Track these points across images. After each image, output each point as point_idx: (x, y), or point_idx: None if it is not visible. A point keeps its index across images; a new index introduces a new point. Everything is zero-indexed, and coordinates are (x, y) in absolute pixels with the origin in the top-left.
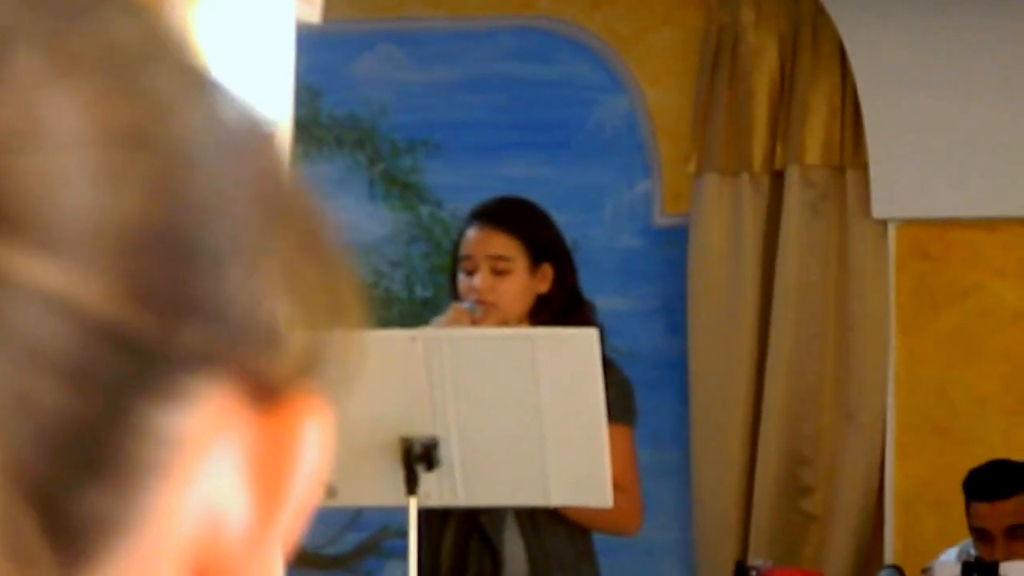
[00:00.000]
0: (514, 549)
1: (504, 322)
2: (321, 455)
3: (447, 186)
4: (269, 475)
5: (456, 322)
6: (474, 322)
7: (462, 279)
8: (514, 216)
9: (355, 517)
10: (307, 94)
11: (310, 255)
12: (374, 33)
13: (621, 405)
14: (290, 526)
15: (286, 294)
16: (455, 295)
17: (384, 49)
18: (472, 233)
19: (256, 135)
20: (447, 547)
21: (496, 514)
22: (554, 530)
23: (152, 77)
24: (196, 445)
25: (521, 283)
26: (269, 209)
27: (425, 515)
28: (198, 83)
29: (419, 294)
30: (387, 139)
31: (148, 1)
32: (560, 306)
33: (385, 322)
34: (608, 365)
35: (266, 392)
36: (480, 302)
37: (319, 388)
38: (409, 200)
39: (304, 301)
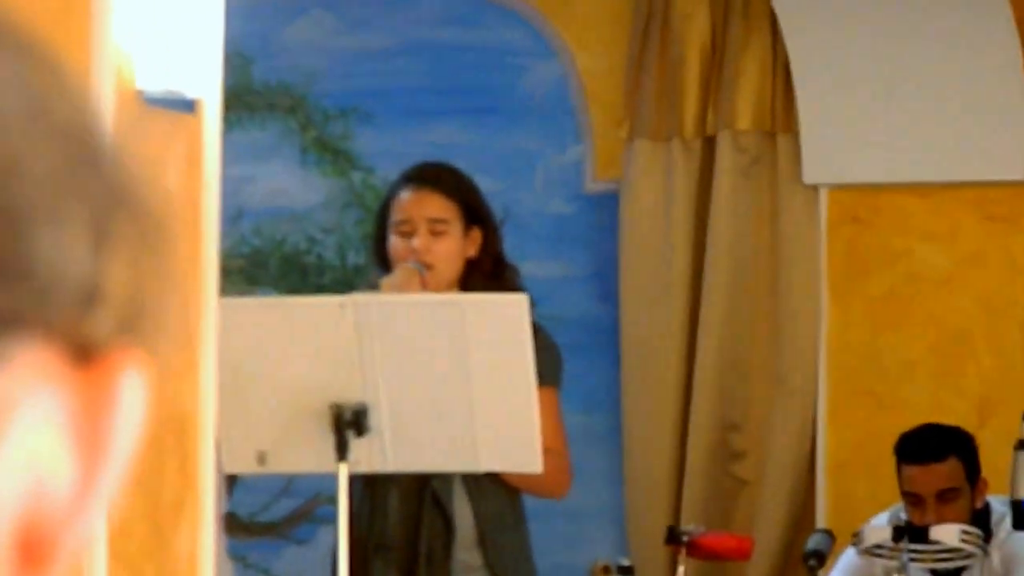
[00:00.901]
0: (463, 512)
1: (440, 284)
2: (141, 409)
3: (379, 153)
4: (90, 432)
5: (407, 283)
6: (422, 282)
7: (397, 242)
8: (449, 179)
9: (288, 484)
10: (238, 61)
11: (128, 217)
12: None
13: (547, 367)
14: (113, 480)
15: (102, 254)
16: (382, 260)
17: (315, 15)
18: (407, 196)
19: (67, 98)
20: (394, 512)
21: (447, 478)
22: (496, 492)
23: None
24: (4, 407)
25: (456, 245)
26: (79, 171)
27: (368, 481)
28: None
29: (351, 261)
30: (318, 106)
31: None
32: (487, 270)
33: (318, 288)
34: (536, 329)
35: (84, 350)
36: (421, 263)
37: (139, 344)
38: (341, 167)
39: (121, 261)
